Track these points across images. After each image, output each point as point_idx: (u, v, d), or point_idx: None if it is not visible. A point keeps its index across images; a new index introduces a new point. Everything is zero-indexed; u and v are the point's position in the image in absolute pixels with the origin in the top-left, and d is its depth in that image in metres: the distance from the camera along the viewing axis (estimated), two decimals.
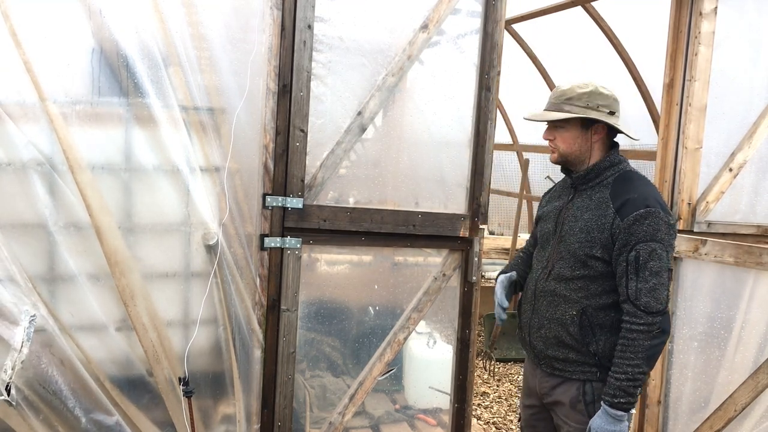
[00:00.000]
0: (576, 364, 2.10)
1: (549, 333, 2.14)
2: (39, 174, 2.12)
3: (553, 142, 2.14)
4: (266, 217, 2.45)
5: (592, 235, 2.04)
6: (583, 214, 2.09)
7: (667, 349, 3.02)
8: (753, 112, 3.03)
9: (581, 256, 2.05)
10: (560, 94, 2.10)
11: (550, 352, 2.14)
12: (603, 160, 2.10)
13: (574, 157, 2.13)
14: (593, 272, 2.04)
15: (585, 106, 2.05)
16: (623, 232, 1.97)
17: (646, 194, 2.01)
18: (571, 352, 2.10)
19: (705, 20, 2.89)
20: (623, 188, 2.05)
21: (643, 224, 1.95)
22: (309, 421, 2.72)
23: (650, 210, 1.96)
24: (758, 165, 3.06)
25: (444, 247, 2.76)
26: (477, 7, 2.67)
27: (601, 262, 2.03)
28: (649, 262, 1.93)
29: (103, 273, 2.23)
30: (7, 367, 2.02)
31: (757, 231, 3.09)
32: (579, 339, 2.07)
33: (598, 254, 2.02)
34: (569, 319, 2.08)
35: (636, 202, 1.98)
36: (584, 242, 2.05)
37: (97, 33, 2.15)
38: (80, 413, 2.22)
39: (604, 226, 2.02)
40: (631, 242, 1.96)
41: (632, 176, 2.11)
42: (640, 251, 1.94)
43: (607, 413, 1.97)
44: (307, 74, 2.42)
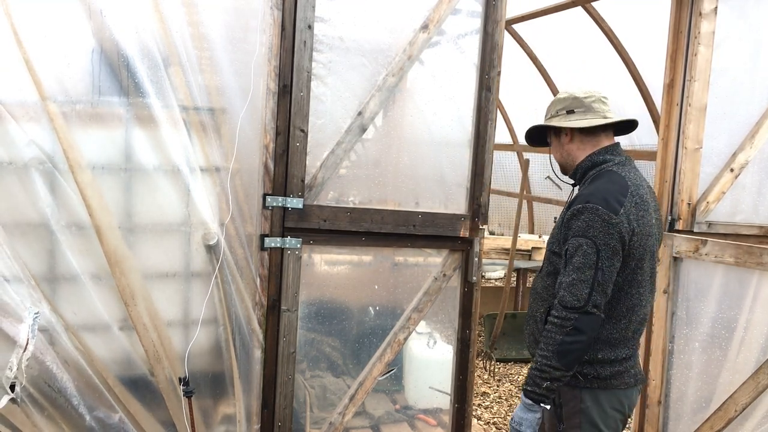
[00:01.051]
0: None
1: (528, 330, 2.21)
2: (40, 173, 2.12)
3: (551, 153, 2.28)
4: (266, 217, 2.45)
5: (555, 231, 2.13)
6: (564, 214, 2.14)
7: (668, 349, 3.02)
8: (754, 111, 3.03)
9: (548, 253, 2.15)
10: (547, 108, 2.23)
11: (532, 349, 2.18)
12: (584, 160, 2.15)
13: (567, 165, 2.22)
14: (552, 268, 2.11)
15: (549, 116, 2.17)
16: (564, 226, 2.04)
17: (596, 190, 2.00)
18: None
19: (705, 20, 2.89)
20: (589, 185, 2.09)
21: (578, 219, 1.97)
22: (309, 421, 2.72)
23: (588, 206, 1.96)
24: (760, 165, 3.06)
25: (444, 248, 2.76)
26: (477, 7, 2.67)
27: (558, 258, 2.08)
28: (574, 257, 1.94)
29: (104, 272, 2.23)
30: (12, 365, 2.02)
31: (760, 232, 3.09)
32: None
33: (557, 249, 2.09)
34: (540, 317, 2.13)
35: (580, 198, 2.01)
36: (553, 239, 2.13)
37: (97, 33, 2.15)
38: (84, 411, 2.22)
39: (562, 222, 2.08)
40: (567, 237, 2.00)
41: (602, 174, 2.08)
42: (569, 246, 1.98)
43: (522, 399, 2.03)
44: (307, 74, 2.42)
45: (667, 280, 2.99)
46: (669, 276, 2.99)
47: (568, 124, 2.13)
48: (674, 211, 3.00)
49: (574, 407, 2.08)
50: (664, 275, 3.00)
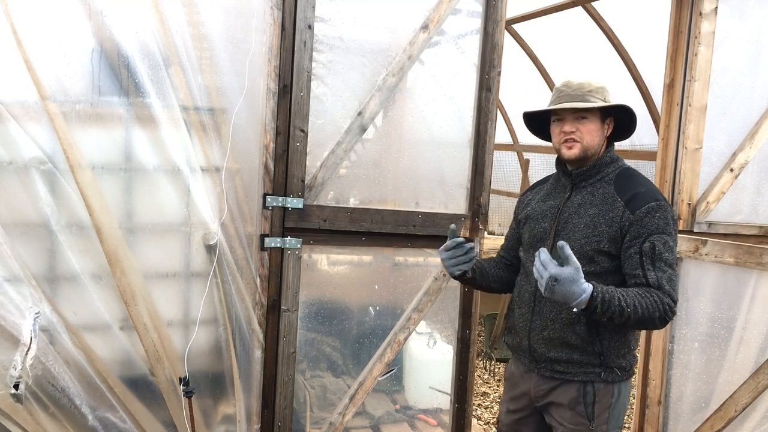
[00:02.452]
0: (579, 365, 2.06)
1: (553, 334, 2.07)
2: (41, 173, 2.13)
3: (574, 134, 2.05)
4: (266, 217, 2.45)
5: (599, 229, 2.01)
6: (588, 210, 2.06)
7: (668, 349, 3.02)
8: (754, 111, 3.03)
9: (588, 251, 2.01)
10: (578, 86, 2.06)
11: (552, 354, 2.08)
12: (605, 156, 2.10)
13: (593, 152, 2.08)
14: (599, 268, 2.01)
15: (604, 99, 2.05)
16: (635, 224, 1.96)
17: (654, 189, 2.03)
18: (575, 352, 2.05)
19: (705, 20, 2.89)
20: (629, 183, 2.05)
21: (654, 217, 1.95)
22: (309, 421, 2.72)
23: (660, 203, 1.97)
24: (760, 165, 3.06)
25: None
26: (477, 7, 2.67)
27: (607, 257, 2.01)
28: (665, 253, 1.93)
29: (104, 272, 2.23)
30: (16, 363, 2.02)
31: (759, 232, 3.09)
32: (585, 338, 2.03)
33: (605, 248, 2.00)
34: (575, 318, 2.03)
35: (645, 196, 1.98)
36: (591, 237, 2.02)
37: (97, 33, 2.15)
38: (87, 410, 2.23)
39: (612, 220, 1.99)
40: (643, 234, 1.94)
41: (634, 173, 2.11)
42: (655, 242, 1.93)
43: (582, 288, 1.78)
44: (307, 74, 2.42)
45: None
46: None
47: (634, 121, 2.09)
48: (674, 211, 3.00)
49: (606, 403, 2.05)
50: None
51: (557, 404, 2.10)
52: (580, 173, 2.10)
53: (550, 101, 2.12)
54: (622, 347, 2.05)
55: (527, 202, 2.29)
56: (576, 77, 2.09)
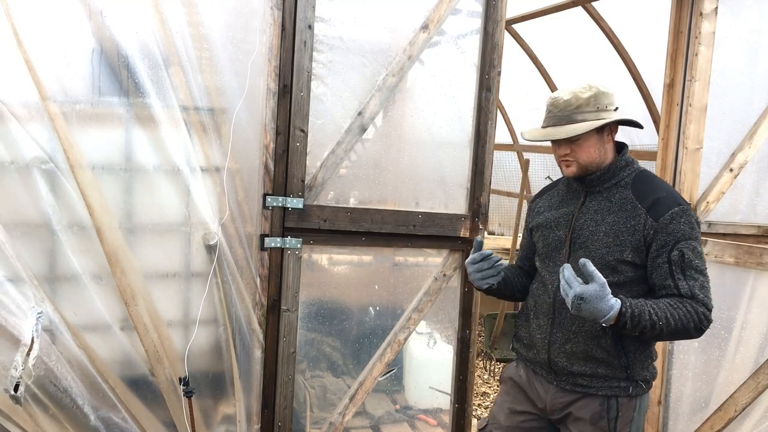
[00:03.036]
0: (603, 380, 1.97)
1: (576, 347, 1.98)
2: (42, 173, 2.13)
3: (569, 155, 1.99)
4: (266, 217, 2.45)
5: (621, 238, 1.92)
6: (606, 218, 1.96)
7: (668, 349, 3.02)
8: (753, 112, 3.03)
9: (610, 261, 1.92)
10: (564, 104, 1.96)
11: (575, 368, 1.99)
12: (618, 160, 2.01)
13: (595, 165, 1.99)
14: (622, 278, 1.93)
15: (596, 109, 1.94)
16: (660, 231, 1.88)
17: (674, 193, 1.96)
18: (600, 366, 1.97)
19: (705, 20, 2.89)
20: (647, 188, 1.96)
21: (680, 222, 1.88)
22: (309, 421, 2.72)
23: (684, 208, 1.90)
24: (759, 165, 3.06)
25: (444, 248, 2.76)
26: (477, 7, 2.67)
27: (631, 266, 1.92)
28: (694, 260, 1.86)
29: (104, 272, 2.23)
30: (17, 364, 2.02)
31: (758, 231, 3.09)
32: (611, 351, 1.94)
33: (629, 258, 1.91)
34: (601, 330, 1.93)
35: (668, 201, 1.90)
36: (613, 246, 1.93)
37: (97, 33, 2.15)
38: (89, 410, 2.23)
39: (635, 228, 1.91)
40: (670, 242, 1.87)
41: (651, 176, 2.03)
42: (683, 250, 1.86)
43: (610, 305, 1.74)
44: (307, 74, 2.42)
45: None
46: None
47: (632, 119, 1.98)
48: None
49: (628, 417, 1.98)
50: None
51: (578, 418, 2.02)
52: (593, 178, 2.01)
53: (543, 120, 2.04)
54: (647, 359, 1.99)
55: (538, 210, 2.21)
56: (563, 92, 1.98)
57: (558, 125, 1.97)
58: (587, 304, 1.73)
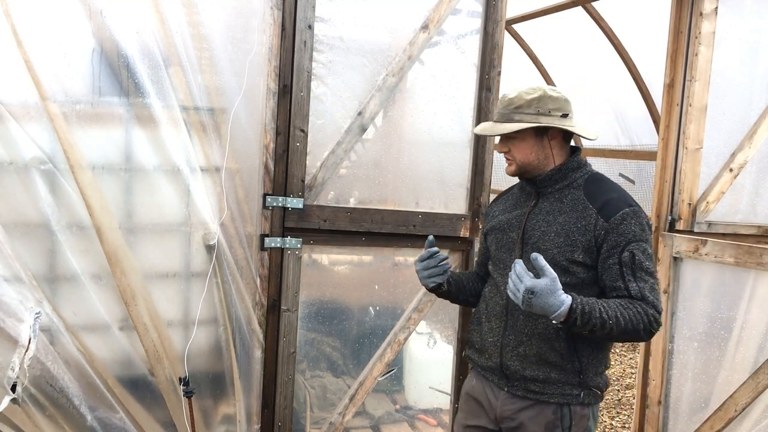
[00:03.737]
0: (556, 385, 1.93)
1: (529, 350, 1.93)
2: (41, 173, 2.13)
3: (508, 153, 2.01)
4: (266, 217, 2.45)
5: (572, 238, 1.90)
6: (557, 218, 1.94)
7: (668, 349, 3.02)
8: (753, 111, 3.03)
9: (561, 261, 1.90)
10: (508, 103, 1.97)
11: (528, 372, 1.94)
12: (570, 161, 1.99)
13: (533, 167, 1.99)
14: (574, 279, 1.90)
15: (536, 113, 1.93)
16: (611, 232, 1.86)
17: (626, 195, 1.94)
18: (553, 370, 1.92)
19: (705, 20, 2.89)
20: (599, 189, 1.95)
21: (630, 224, 1.86)
22: (309, 421, 2.72)
23: (635, 209, 1.88)
24: (759, 165, 3.06)
25: (444, 248, 2.76)
26: (477, 7, 2.67)
27: (582, 267, 1.90)
28: (645, 262, 1.85)
29: (104, 272, 2.23)
30: (14, 365, 2.02)
31: (758, 231, 3.09)
32: (565, 355, 1.91)
33: (580, 258, 1.89)
34: (554, 333, 1.90)
35: (618, 202, 1.89)
36: (564, 246, 1.90)
37: (97, 33, 2.15)
38: (86, 411, 2.22)
39: (586, 228, 1.89)
40: (621, 243, 1.85)
41: (603, 178, 2.01)
42: (634, 251, 1.84)
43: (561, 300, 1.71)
44: (307, 74, 2.42)
45: (668, 280, 2.99)
46: (669, 276, 2.99)
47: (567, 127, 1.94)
48: (675, 211, 3.00)
49: (582, 426, 1.94)
50: (664, 275, 3.00)
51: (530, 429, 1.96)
52: (544, 179, 2.00)
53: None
54: (600, 365, 1.96)
55: (492, 214, 2.19)
56: (513, 91, 1.98)
57: (498, 122, 1.99)
58: (537, 298, 1.70)
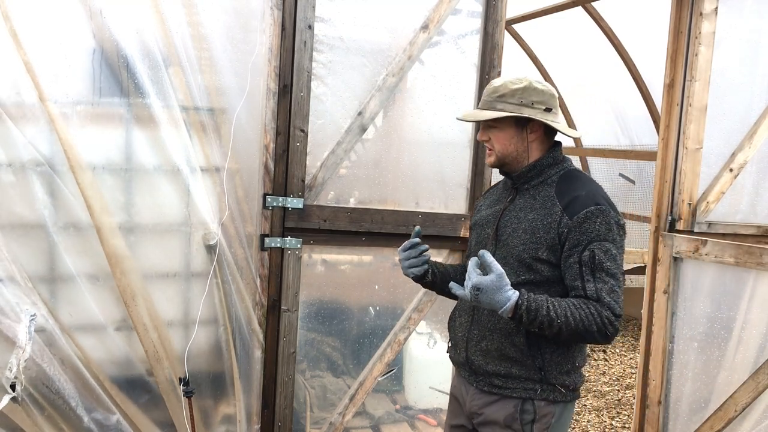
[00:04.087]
0: (518, 381, 1.90)
1: (491, 345, 1.92)
2: (38, 174, 2.12)
3: (488, 143, 1.97)
4: (266, 217, 2.45)
5: (537, 235, 1.86)
6: (527, 215, 1.91)
7: (668, 349, 3.02)
8: (753, 112, 3.03)
9: (526, 259, 1.87)
10: (492, 90, 1.92)
11: (490, 367, 1.92)
12: (546, 156, 1.95)
13: (512, 158, 1.95)
14: (539, 277, 1.87)
15: (519, 103, 1.88)
16: (574, 230, 1.81)
17: (595, 192, 1.87)
18: (514, 366, 1.89)
19: (705, 20, 2.89)
20: (570, 186, 1.90)
21: (595, 222, 1.80)
22: (309, 421, 2.72)
23: (601, 207, 1.81)
24: (759, 165, 3.06)
25: (444, 247, 2.76)
26: (477, 7, 2.67)
27: (546, 265, 1.86)
28: (606, 262, 1.78)
29: (102, 273, 2.23)
30: (12, 365, 2.02)
31: (758, 231, 3.09)
32: (525, 351, 1.87)
33: (544, 256, 1.85)
34: (514, 328, 1.87)
35: (585, 200, 1.83)
36: (528, 244, 1.87)
37: (97, 33, 2.15)
38: (83, 412, 2.22)
39: (550, 226, 1.85)
40: (583, 241, 1.80)
41: (578, 174, 1.96)
42: (595, 250, 1.78)
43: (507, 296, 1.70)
44: (307, 74, 2.42)
45: (668, 280, 2.99)
46: (669, 276, 2.99)
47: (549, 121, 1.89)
48: (675, 211, 3.00)
49: (545, 424, 1.90)
50: (664, 275, 3.00)
51: (492, 422, 1.94)
52: (520, 175, 1.96)
53: None
54: (566, 363, 1.89)
55: (478, 208, 2.17)
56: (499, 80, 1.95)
57: (481, 109, 1.95)
58: (484, 294, 1.70)
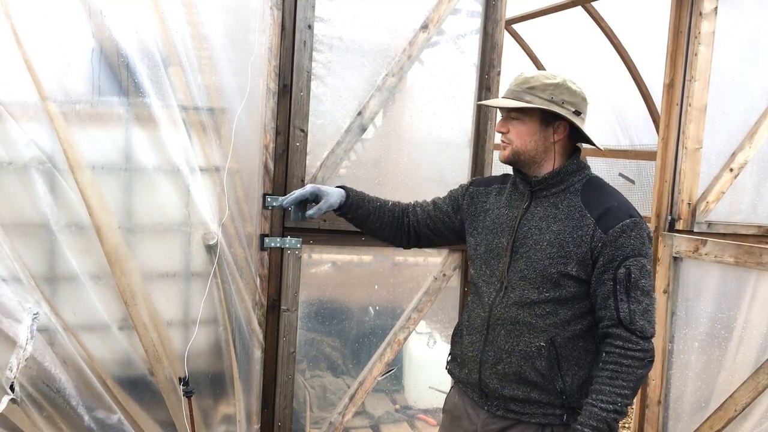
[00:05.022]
0: (537, 406, 1.79)
1: (509, 368, 1.79)
2: (40, 173, 2.12)
3: (506, 135, 1.82)
4: (266, 217, 2.45)
5: (566, 249, 1.74)
6: (551, 225, 1.77)
7: (668, 349, 3.02)
8: (754, 111, 3.03)
9: (553, 274, 1.74)
10: (523, 81, 1.79)
11: (507, 391, 1.80)
12: (570, 163, 1.82)
13: (528, 157, 1.81)
14: (565, 294, 1.75)
15: (549, 99, 1.75)
16: (609, 245, 1.70)
17: (627, 203, 1.78)
18: (534, 391, 1.78)
19: (705, 20, 2.89)
20: (598, 196, 1.78)
21: (630, 236, 1.70)
22: (309, 421, 2.72)
23: (636, 220, 1.72)
24: (760, 165, 3.06)
25: (444, 247, 2.76)
26: (477, 7, 2.67)
27: (575, 281, 1.74)
28: (641, 280, 1.69)
29: (104, 272, 2.23)
30: (12, 365, 2.02)
31: (758, 231, 3.09)
32: (546, 375, 1.76)
33: (573, 272, 1.73)
34: (535, 351, 1.76)
35: (619, 212, 1.73)
36: (556, 258, 1.74)
37: (97, 33, 2.15)
38: (83, 411, 2.22)
39: (582, 239, 1.72)
40: (618, 257, 1.69)
41: (603, 183, 1.86)
42: (631, 267, 1.69)
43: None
44: (307, 74, 2.42)
45: (667, 280, 2.99)
46: (669, 276, 2.99)
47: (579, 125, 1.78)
48: (674, 210, 3.00)
49: None
50: (664, 275, 3.00)
51: None
52: (541, 180, 1.82)
53: None
54: (586, 385, 1.78)
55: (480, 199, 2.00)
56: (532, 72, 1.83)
57: (506, 98, 1.82)
58: None
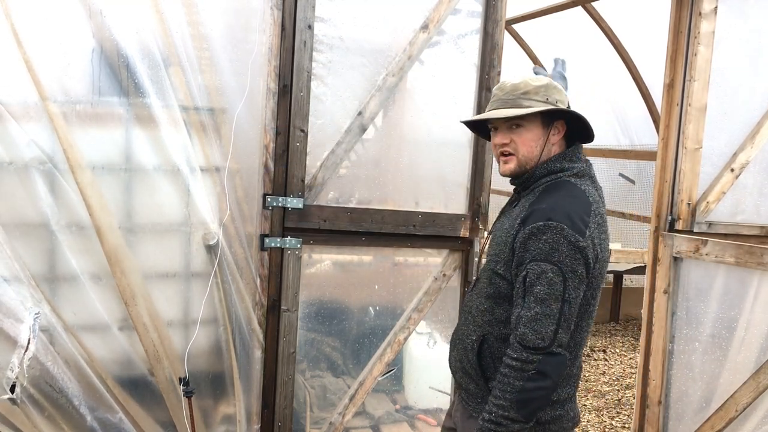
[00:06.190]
0: (476, 399, 1.79)
1: (456, 355, 1.85)
2: (40, 173, 2.12)
3: (508, 146, 1.77)
4: (266, 217, 2.45)
5: (500, 248, 1.74)
6: (503, 225, 1.79)
7: (668, 349, 3.02)
8: (755, 111, 3.02)
9: (490, 272, 1.77)
10: (513, 88, 1.75)
11: (457, 377, 1.86)
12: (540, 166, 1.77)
13: (533, 164, 1.77)
14: (498, 292, 1.74)
15: (545, 101, 1.72)
16: (520, 246, 1.65)
17: (557, 205, 1.66)
18: (471, 382, 1.79)
19: (705, 20, 2.89)
20: (543, 197, 1.72)
21: (539, 240, 1.62)
22: (309, 421, 2.72)
23: (551, 224, 1.61)
24: (762, 165, 3.05)
25: (444, 248, 2.76)
26: (477, 7, 2.67)
27: (503, 280, 1.73)
28: (536, 285, 1.60)
29: (104, 272, 2.23)
30: (13, 365, 2.02)
31: (761, 232, 3.08)
32: (476, 369, 1.76)
33: (501, 271, 1.72)
34: (470, 344, 1.79)
35: (539, 214, 1.65)
36: (493, 256, 1.77)
37: (97, 33, 2.15)
38: (86, 411, 2.22)
39: (508, 239, 1.71)
40: (525, 260, 1.64)
41: (564, 185, 1.74)
42: (529, 272, 1.62)
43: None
44: (307, 74, 2.42)
45: (668, 280, 2.99)
46: (669, 276, 2.99)
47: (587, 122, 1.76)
48: (674, 211, 3.00)
49: None
50: (664, 275, 3.00)
51: None
52: (519, 183, 1.83)
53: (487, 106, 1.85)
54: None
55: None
56: (512, 78, 1.79)
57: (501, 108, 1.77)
58: None
